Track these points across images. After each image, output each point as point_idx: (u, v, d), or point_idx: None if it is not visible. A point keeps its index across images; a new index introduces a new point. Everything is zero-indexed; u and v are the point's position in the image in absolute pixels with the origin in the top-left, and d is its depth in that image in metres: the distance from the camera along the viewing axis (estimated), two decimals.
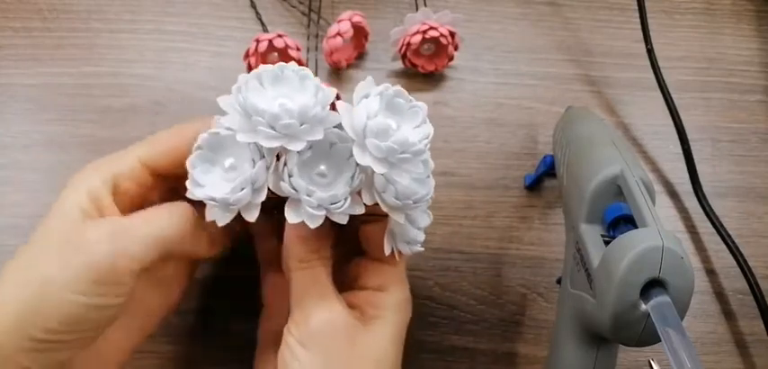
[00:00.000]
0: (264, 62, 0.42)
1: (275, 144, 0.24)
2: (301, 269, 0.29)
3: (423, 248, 0.30)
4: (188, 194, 0.26)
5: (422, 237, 0.30)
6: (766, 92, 0.46)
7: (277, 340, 0.29)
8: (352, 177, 0.26)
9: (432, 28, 0.41)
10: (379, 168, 0.25)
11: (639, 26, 0.43)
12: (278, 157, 0.26)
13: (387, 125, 0.25)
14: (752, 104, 0.46)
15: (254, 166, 0.25)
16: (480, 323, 0.39)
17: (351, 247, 0.32)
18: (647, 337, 0.25)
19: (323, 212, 0.25)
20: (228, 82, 0.39)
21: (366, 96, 0.26)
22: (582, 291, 0.29)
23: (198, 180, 0.26)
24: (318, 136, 0.25)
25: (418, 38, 0.41)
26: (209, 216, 0.26)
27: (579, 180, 0.31)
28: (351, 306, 0.29)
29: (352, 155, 0.25)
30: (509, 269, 0.41)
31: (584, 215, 0.30)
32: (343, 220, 0.26)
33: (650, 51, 0.43)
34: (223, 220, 0.26)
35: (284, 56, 0.41)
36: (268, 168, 0.25)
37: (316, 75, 0.43)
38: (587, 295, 0.28)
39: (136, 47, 0.44)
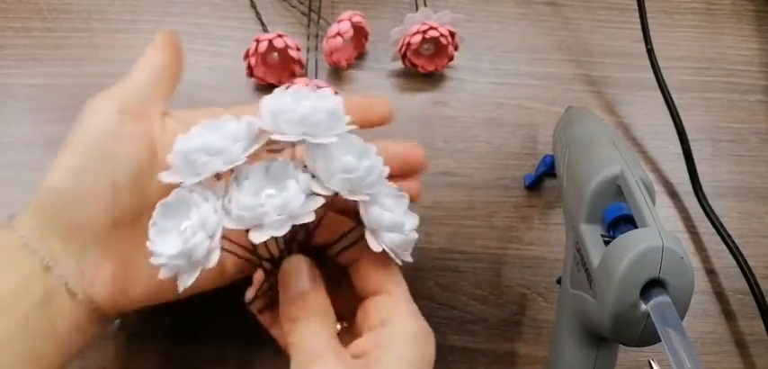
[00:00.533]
0: (264, 62, 0.42)
1: (216, 168, 0.25)
2: (295, 329, 0.27)
3: (415, 237, 0.29)
4: (152, 261, 0.25)
5: (408, 224, 0.28)
6: (766, 92, 0.46)
7: None
8: (298, 180, 0.26)
9: (432, 28, 0.41)
10: (292, 137, 0.25)
11: (639, 26, 0.43)
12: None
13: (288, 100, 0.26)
14: (752, 104, 0.46)
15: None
16: (480, 323, 0.39)
17: (353, 298, 0.30)
18: (647, 337, 0.25)
19: (285, 216, 0.25)
20: (228, 82, 0.40)
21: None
22: (582, 291, 0.29)
23: (155, 247, 0.25)
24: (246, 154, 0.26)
25: (418, 38, 0.41)
26: (179, 283, 0.25)
27: (579, 180, 0.31)
28: (357, 356, 0.27)
29: (288, 164, 0.26)
30: (509, 269, 0.41)
31: (584, 215, 0.30)
32: (310, 218, 0.25)
33: (650, 51, 0.43)
34: (190, 277, 0.25)
35: (284, 56, 0.41)
36: (216, 211, 0.25)
37: (316, 75, 0.43)
38: (587, 295, 0.28)
39: (136, 47, 0.44)
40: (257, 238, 0.25)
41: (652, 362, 0.37)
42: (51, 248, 0.28)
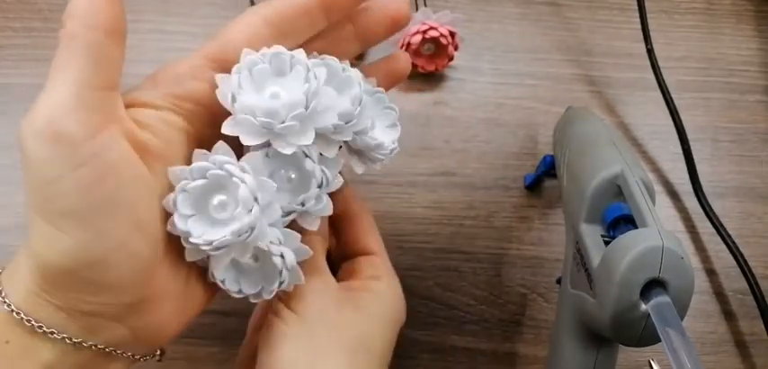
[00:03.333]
0: None
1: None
2: None
3: (396, 149, 0.28)
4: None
5: (385, 143, 0.27)
6: (766, 92, 0.46)
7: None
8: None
9: (432, 28, 0.41)
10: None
11: (639, 26, 0.43)
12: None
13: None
14: (752, 104, 0.46)
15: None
16: (480, 323, 0.39)
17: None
18: (647, 337, 0.25)
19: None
20: None
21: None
22: (582, 291, 0.29)
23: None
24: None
25: (418, 38, 0.41)
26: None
27: (579, 180, 0.31)
28: (345, 289, 0.30)
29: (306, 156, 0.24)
30: (509, 269, 0.41)
31: (584, 215, 0.30)
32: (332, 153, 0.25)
33: (650, 51, 0.43)
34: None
35: None
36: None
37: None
38: (587, 295, 0.28)
39: (136, 47, 0.44)
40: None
41: (652, 362, 0.37)
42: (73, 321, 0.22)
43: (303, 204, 0.25)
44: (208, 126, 0.24)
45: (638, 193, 0.28)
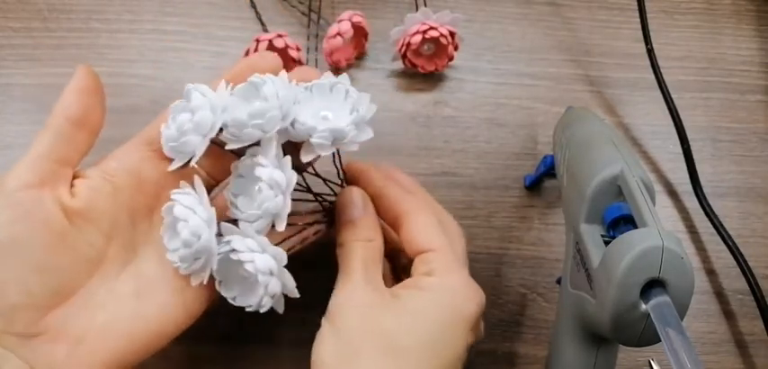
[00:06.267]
0: None
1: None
2: (341, 252, 0.30)
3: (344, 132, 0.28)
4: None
5: (318, 127, 0.28)
6: (766, 92, 0.46)
7: None
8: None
9: (432, 28, 0.41)
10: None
11: (639, 26, 0.43)
12: None
13: None
14: (752, 104, 0.46)
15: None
16: None
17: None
18: (647, 337, 0.25)
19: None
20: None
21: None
22: (582, 291, 0.29)
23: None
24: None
25: (418, 38, 0.41)
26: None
27: (579, 180, 0.31)
28: (395, 293, 0.30)
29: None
30: (509, 269, 0.41)
31: (584, 215, 0.30)
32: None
33: (650, 51, 0.43)
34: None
35: (284, 56, 0.41)
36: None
37: None
38: (587, 295, 0.28)
39: (136, 47, 0.44)
40: (306, 156, 0.28)
41: (652, 362, 0.37)
42: None
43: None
44: (135, 189, 0.29)
45: (638, 193, 0.28)
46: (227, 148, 0.27)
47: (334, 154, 0.31)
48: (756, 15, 0.48)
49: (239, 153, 0.28)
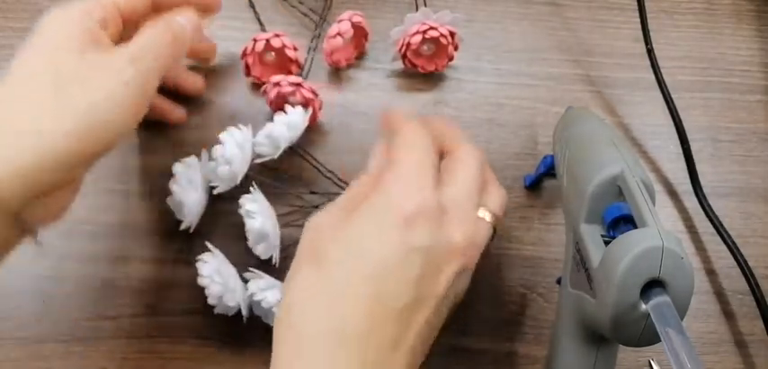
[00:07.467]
0: (261, 62, 0.42)
1: None
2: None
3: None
4: None
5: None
6: (766, 92, 0.46)
7: None
8: None
9: (432, 28, 0.41)
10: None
11: (639, 26, 0.43)
12: None
13: None
14: (752, 104, 0.46)
15: None
16: (480, 323, 0.39)
17: None
18: (647, 337, 0.25)
19: None
20: (226, 81, 0.39)
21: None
22: (582, 291, 0.29)
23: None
24: None
25: (418, 38, 0.41)
26: None
27: (579, 180, 0.31)
28: None
29: None
30: (509, 269, 0.41)
31: (585, 215, 0.30)
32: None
33: (650, 51, 0.43)
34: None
35: (281, 56, 0.41)
36: None
37: (307, 76, 0.43)
38: (587, 295, 0.28)
39: None
40: None
41: (652, 362, 0.37)
42: None
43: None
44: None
45: (638, 193, 0.28)
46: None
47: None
48: (756, 15, 0.48)
49: None
